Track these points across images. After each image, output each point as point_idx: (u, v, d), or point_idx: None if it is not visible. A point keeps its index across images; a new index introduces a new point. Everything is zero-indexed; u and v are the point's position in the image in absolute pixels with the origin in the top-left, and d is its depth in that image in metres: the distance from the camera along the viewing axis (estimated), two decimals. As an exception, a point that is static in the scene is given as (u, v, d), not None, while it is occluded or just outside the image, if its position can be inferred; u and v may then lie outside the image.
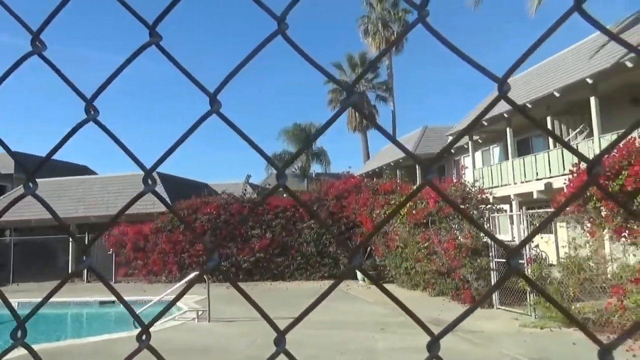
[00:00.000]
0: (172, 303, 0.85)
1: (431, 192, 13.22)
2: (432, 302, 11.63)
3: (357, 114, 39.66)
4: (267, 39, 0.77)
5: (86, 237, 20.68)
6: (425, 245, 12.79)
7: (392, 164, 28.42)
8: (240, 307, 11.73)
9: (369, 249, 16.50)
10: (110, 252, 19.86)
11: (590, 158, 0.60)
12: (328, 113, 41.33)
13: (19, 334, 0.86)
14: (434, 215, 12.80)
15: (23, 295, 16.60)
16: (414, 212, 13.47)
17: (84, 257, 0.86)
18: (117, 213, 0.91)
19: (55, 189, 23.03)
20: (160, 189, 22.24)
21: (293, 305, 11.74)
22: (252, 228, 18.81)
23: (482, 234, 11.75)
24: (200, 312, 10.48)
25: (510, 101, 0.68)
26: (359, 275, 16.47)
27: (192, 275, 11.67)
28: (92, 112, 0.89)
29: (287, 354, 0.70)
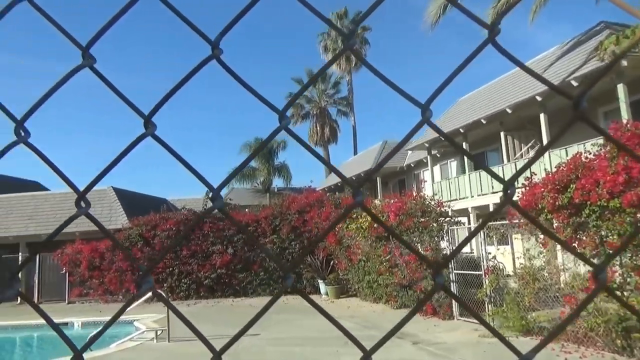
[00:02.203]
0: (106, 326, 0.83)
1: (391, 206, 13.43)
2: (394, 315, 11.73)
3: (318, 128, 40.04)
4: (200, 64, 0.78)
5: (37, 257, 19.74)
6: (387, 258, 12.95)
7: (354, 178, 28.74)
8: (201, 325, 11.44)
9: (332, 262, 16.52)
10: (64, 271, 19.01)
11: (536, 171, 0.64)
12: (290, 127, 41.35)
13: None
14: (395, 229, 12.99)
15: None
16: (375, 225, 13.63)
17: (13, 284, 0.80)
18: (51, 234, 0.88)
19: (4, 205, 21.96)
20: (117, 205, 21.56)
21: (259, 322, 11.56)
22: (213, 244, 18.50)
23: (442, 246, 12.02)
24: (159, 332, 10.17)
25: (433, 126, 0.72)
26: (322, 289, 16.44)
27: (149, 293, 11.31)
28: (22, 134, 0.85)
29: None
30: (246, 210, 22.93)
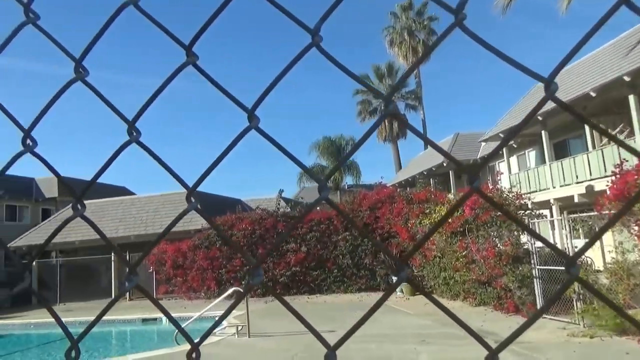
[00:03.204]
0: (220, 320, 0.87)
1: (466, 200, 12.98)
2: (473, 313, 11.34)
3: (387, 124, 39.50)
4: (302, 51, 0.79)
5: (128, 256, 21.29)
6: (464, 254, 12.54)
7: (425, 173, 28.08)
8: (279, 322, 11.76)
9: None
10: (151, 270, 20.31)
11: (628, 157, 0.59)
12: (357, 124, 41.28)
13: (73, 353, 0.89)
14: (471, 223, 12.55)
15: (70, 315, 17.18)
16: (449, 220, 13.25)
17: (131, 276, 0.89)
18: (164, 231, 0.94)
19: (96, 210, 23.83)
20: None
21: (333, 318, 11.69)
22: (287, 242, 18.89)
23: (523, 241, 11.42)
24: (239, 327, 10.56)
25: (558, 101, 0.66)
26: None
27: (230, 290, 11.79)
28: (135, 134, 0.92)
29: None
30: (317, 208, 23.22)
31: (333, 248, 18.61)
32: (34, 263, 23.97)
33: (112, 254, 22.09)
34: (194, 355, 0.82)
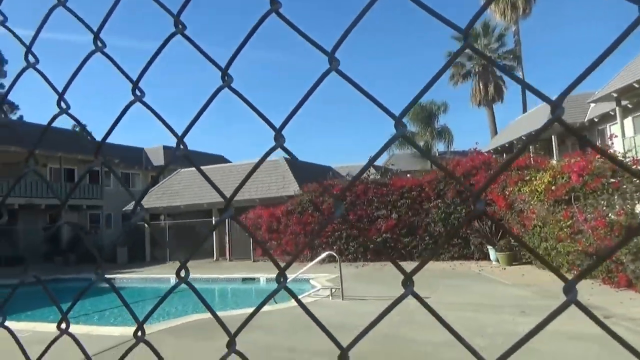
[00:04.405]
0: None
1: (573, 166, 11.99)
2: (578, 286, 10.58)
3: (482, 87, 37.31)
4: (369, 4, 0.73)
5: (226, 221, 22.72)
6: (569, 223, 11.67)
7: (524, 138, 26.31)
8: (371, 285, 11.92)
9: (501, 229, 15.58)
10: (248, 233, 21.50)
11: None
12: (449, 89, 39.49)
13: (183, 272, 0.91)
14: (578, 191, 11.60)
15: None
16: (553, 188, 12.35)
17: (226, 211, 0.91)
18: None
19: (198, 177, 25.47)
20: (288, 174, 23.41)
21: (426, 285, 11.60)
22: (378, 209, 18.89)
23: (638, 211, 10.36)
24: (333, 290, 10.86)
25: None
26: (492, 255, 15.66)
27: (324, 254, 12.11)
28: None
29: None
30: (407, 175, 22.83)
31: (425, 215, 18.30)
32: (145, 225, 26.44)
33: (213, 217, 23.66)
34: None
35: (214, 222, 22.89)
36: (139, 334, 0.95)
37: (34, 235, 28.21)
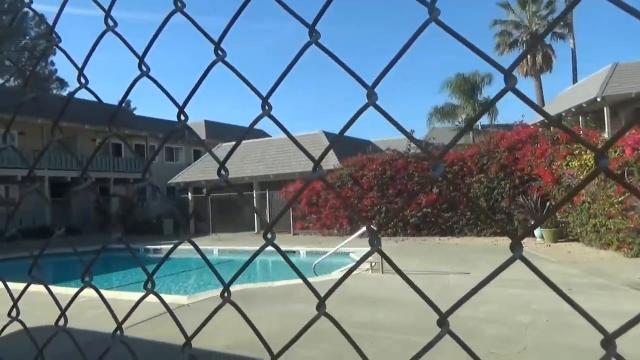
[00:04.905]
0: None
1: (628, 139, 11.38)
2: (629, 264, 10.20)
3: (529, 56, 35.66)
4: None
5: (267, 194, 23.12)
6: (620, 199, 11.17)
7: (574, 110, 25.03)
8: (410, 260, 11.88)
9: (547, 204, 15.10)
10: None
11: None
12: (495, 58, 37.88)
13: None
14: (632, 165, 11.04)
15: (220, 244, 19.39)
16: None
17: None
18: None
19: (240, 151, 25.87)
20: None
21: (466, 260, 11.46)
22: (418, 183, 18.67)
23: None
24: (373, 264, 10.90)
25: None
26: (537, 232, 15.25)
27: (363, 228, 12.14)
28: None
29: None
30: (450, 150, 22.33)
31: (466, 190, 17.93)
32: (190, 198, 27.17)
33: (254, 190, 24.07)
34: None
35: (254, 195, 23.35)
36: (225, 294, 1.04)
37: (89, 207, 29.62)
